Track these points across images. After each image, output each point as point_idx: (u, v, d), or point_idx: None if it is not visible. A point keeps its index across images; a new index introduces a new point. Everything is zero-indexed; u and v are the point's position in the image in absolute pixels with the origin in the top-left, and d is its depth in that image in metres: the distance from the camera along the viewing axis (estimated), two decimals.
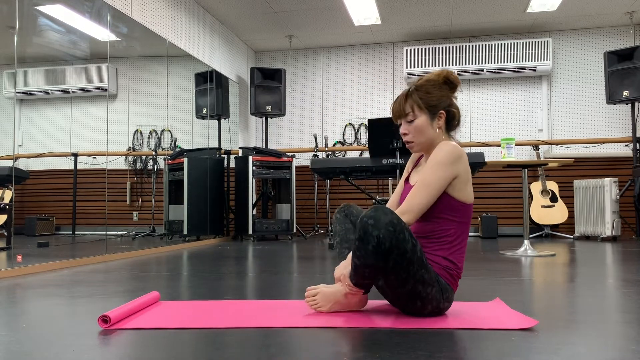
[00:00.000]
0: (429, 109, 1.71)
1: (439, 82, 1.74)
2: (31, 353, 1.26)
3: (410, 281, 1.56)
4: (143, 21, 4.44)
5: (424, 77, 1.77)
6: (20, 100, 3.62)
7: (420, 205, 1.61)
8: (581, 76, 6.31)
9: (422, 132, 1.72)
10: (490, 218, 5.81)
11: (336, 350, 1.29)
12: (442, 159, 1.62)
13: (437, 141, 1.73)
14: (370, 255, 1.52)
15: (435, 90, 1.72)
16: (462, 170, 1.64)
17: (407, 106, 1.73)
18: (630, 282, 2.43)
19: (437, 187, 1.62)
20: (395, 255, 1.52)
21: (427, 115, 1.71)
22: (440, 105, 1.72)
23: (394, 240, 1.50)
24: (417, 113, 1.72)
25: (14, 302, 2.00)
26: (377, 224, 1.50)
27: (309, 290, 1.73)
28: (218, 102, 5.85)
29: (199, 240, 5.25)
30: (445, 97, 1.73)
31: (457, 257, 1.67)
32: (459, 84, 1.76)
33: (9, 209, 3.30)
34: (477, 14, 5.84)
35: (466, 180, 1.66)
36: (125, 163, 4.68)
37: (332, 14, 5.81)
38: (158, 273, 2.86)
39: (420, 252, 1.57)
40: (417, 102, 1.72)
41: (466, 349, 1.28)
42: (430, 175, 1.62)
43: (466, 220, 1.69)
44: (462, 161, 1.64)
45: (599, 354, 1.23)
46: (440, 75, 1.74)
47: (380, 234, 1.50)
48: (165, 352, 1.27)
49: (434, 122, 1.72)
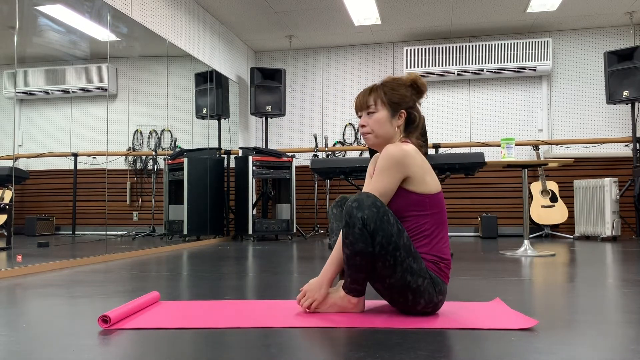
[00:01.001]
0: (391, 105, 1.74)
1: (406, 84, 1.77)
2: (31, 353, 1.26)
3: (398, 269, 1.57)
4: (143, 21, 4.44)
5: (390, 76, 1.81)
6: (20, 100, 3.62)
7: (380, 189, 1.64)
8: (581, 76, 6.31)
9: (380, 127, 1.74)
10: (490, 218, 5.81)
11: (336, 350, 1.29)
12: (385, 164, 1.64)
13: (395, 140, 1.76)
14: (358, 238, 1.55)
15: (400, 89, 1.75)
16: (411, 169, 1.65)
17: (370, 99, 1.75)
18: (630, 282, 2.43)
19: (386, 183, 1.64)
20: (381, 237, 1.55)
21: (388, 112, 1.74)
22: (402, 104, 1.74)
23: (378, 221, 1.55)
24: (379, 107, 1.74)
25: (14, 302, 2.00)
26: (360, 205, 1.56)
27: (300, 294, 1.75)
28: (218, 102, 5.85)
29: (199, 240, 5.25)
30: (409, 98, 1.75)
31: (440, 249, 1.66)
32: (426, 90, 1.79)
33: (9, 209, 3.30)
34: (477, 14, 5.84)
35: (422, 174, 1.66)
36: (125, 163, 4.68)
37: (332, 14, 5.81)
38: (158, 273, 2.86)
39: (408, 240, 1.59)
40: (380, 96, 1.74)
41: (466, 349, 1.28)
42: (379, 180, 1.65)
43: (438, 211, 1.68)
44: (408, 161, 1.64)
45: (599, 354, 1.23)
46: (409, 77, 1.77)
47: (364, 214, 1.54)
48: (165, 352, 1.27)
49: (393, 119, 1.74)
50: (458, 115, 6.55)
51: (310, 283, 1.73)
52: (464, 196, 6.34)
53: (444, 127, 6.57)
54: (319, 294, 1.69)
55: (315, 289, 1.70)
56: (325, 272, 1.70)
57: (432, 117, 6.60)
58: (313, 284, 1.71)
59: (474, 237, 6.03)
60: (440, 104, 6.60)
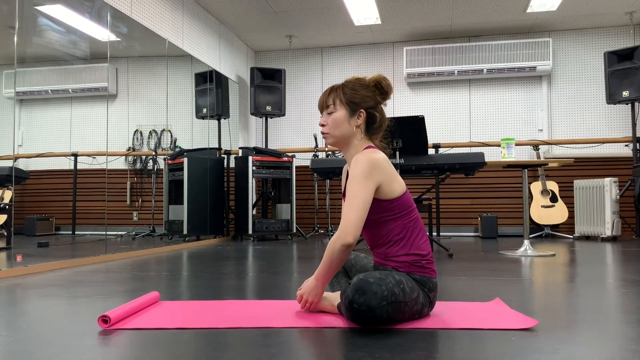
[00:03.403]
0: (350, 105, 1.71)
1: (369, 84, 1.74)
2: (31, 353, 1.26)
3: (407, 314, 1.57)
4: (143, 21, 4.44)
5: (355, 76, 1.78)
6: (20, 100, 3.62)
7: (356, 217, 1.58)
8: (581, 76, 6.31)
9: (338, 126, 1.71)
10: (490, 218, 5.81)
11: (336, 350, 1.29)
12: (358, 175, 1.61)
13: (352, 139, 1.72)
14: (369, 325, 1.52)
15: (361, 90, 1.72)
16: (381, 176, 1.62)
17: (329, 99, 1.74)
18: (630, 282, 2.43)
19: (364, 197, 1.60)
20: (394, 313, 1.52)
21: (347, 111, 1.71)
22: (362, 104, 1.71)
23: (391, 308, 1.50)
24: (338, 106, 1.72)
25: (14, 302, 2.00)
26: (370, 307, 1.48)
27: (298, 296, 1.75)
28: (218, 102, 5.85)
29: (199, 240, 5.25)
30: (370, 98, 1.72)
31: (418, 246, 1.65)
32: (391, 91, 1.75)
33: (9, 209, 3.30)
34: (477, 14, 5.84)
35: (389, 181, 1.64)
36: (125, 163, 4.68)
37: (332, 14, 5.81)
38: (158, 273, 2.86)
39: (407, 285, 1.56)
40: (340, 96, 1.72)
41: (466, 349, 1.28)
42: (354, 192, 1.61)
43: (408, 210, 1.67)
44: (379, 168, 1.62)
45: (599, 354, 1.23)
46: (374, 78, 1.75)
47: (376, 313, 1.49)
48: (165, 352, 1.27)
49: (352, 119, 1.71)
50: (458, 115, 6.54)
51: (305, 286, 1.72)
52: (464, 196, 6.34)
53: (444, 127, 6.57)
54: (313, 297, 1.68)
55: (310, 291, 1.69)
56: (319, 277, 1.66)
57: (432, 117, 6.60)
58: (307, 288, 1.70)
59: (474, 237, 6.03)
60: (440, 104, 6.59)
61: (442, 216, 6.37)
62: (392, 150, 3.67)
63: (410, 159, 3.69)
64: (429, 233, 4.43)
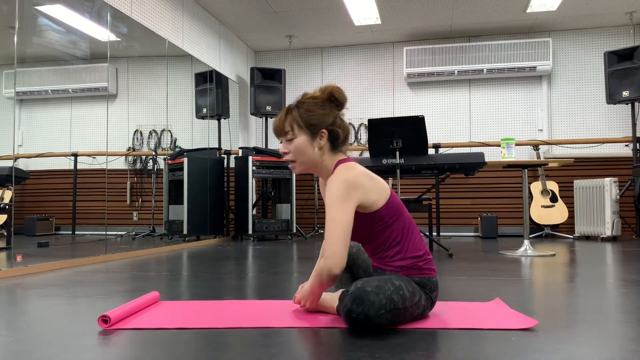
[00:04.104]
0: (309, 127, 1.61)
1: (323, 99, 1.64)
2: (31, 353, 1.26)
3: (408, 318, 1.56)
4: (143, 21, 4.44)
5: (308, 93, 1.67)
6: (20, 100, 3.62)
7: (341, 247, 1.52)
8: (581, 76, 6.31)
9: (302, 152, 1.62)
10: (490, 218, 5.81)
11: (336, 350, 1.29)
12: (335, 199, 1.53)
13: (321, 161, 1.64)
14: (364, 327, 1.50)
15: (317, 109, 1.63)
16: (360, 194, 1.56)
17: (286, 124, 1.64)
18: (630, 282, 2.43)
19: (345, 221, 1.53)
20: (393, 320, 1.51)
21: (307, 135, 1.62)
22: (321, 124, 1.62)
23: (390, 315, 1.49)
24: (297, 132, 1.62)
25: (14, 302, 2.00)
26: (368, 316, 1.45)
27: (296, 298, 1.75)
28: (218, 102, 5.85)
29: (199, 240, 5.24)
30: (327, 115, 1.63)
31: (414, 248, 1.63)
32: (345, 101, 1.66)
33: (9, 209, 3.30)
34: (477, 14, 5.84)
35: (370, 194, 1.58)
36: (125, 163, 4.69)
37: (332, 14, 5.81)
38: (158, 273, 2.86)
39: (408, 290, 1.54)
40: (296, 120, 1.62)
41: (466, 349, 1.28)
42: (333, 217, 1.53)
43: (397, 214, 1.62)
44: (356, 186, 1.55)
45: (599, 354, 1.23)
46: (325, 91, 1.64)
47: (374, 322, 1.46)
48: (165, 352, 1.27)
49: (314, 141, 1.62)
50: (458, 115, 6.55)
51: (302, 292, 1.72)
52: (464, 196, 6.34)
53: (444, 127, 6.57)
54: (310, 304, 1.70)
55: (306, 298, 1.70)
56: (314, 289, 1.64)
57: (432, 117, 6.60)
58: (303, 294, 1.71)
59: (474, 237, 6.03)
60: (440, 104, 6.59)
61: (442, 216, 6.37)
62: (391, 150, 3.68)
63: (410, 159, 3.69)
64: (429, 233, 4.43)
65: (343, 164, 1.63)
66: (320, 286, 1.60)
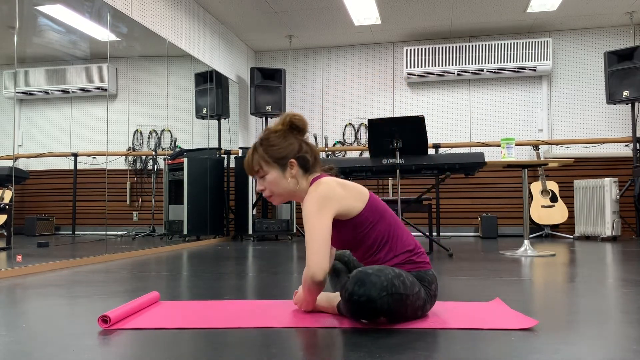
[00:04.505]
0: (277, 161, 1.63)
1: (284, 130, 1.67)
2: (31, 353, 1.26)
3: (410, 309, 1.55)
4: (143, 21, 4.44)
5: (269, 128, 1.69)
6: (20, 100, 3.62)
7: (320, 255, 1.53)
8: (581, 76, 6.31)
9: (277, 186, 1.64)
10: (490, 218, 5.81)
11: (336, 350, 1.29)
12: (309, 213, 1.55)
13: (297, 188, 1.66)
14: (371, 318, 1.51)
15: (280, 141, 1.65)
16: (335, 204, 1.57)
17: (254, 164, 1.66)
18: (630, 282, 2.43)
19: (321, 230, 1.54)
20: (395, 306, 1.51)
21: (277, 168, 1.64)
22: (288, 155, 1.64)
23: (391, 299, 1.49)
24: (266, 169, 1.64)
25: (14, 302, 2.00)
26: (370, 298, 1.46)
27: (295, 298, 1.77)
28: (218, 102, 5.85)
29: (199, 240, 5.25)
30: (292, 144, 1.65)
31: (404, 244, 1.63)
32: (305, 125, 1.68)
33: (9, 209, 3.30)
34: (477, 14, 5.84)
35: (346, 201, 1.59)
36: (125, 163, 4.69)
37: (332, 14, 5.81)
38: (158, 273, 2.86)
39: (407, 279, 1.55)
40: (263, 157, 1.64)
41: (466, 349, 1.28)
42: (310, 228, 1.55)
43: (379, 214, 1.63)
44: (329, 198, 1.56)
45: (599, 354, 1.23)
46: (285, 121, 1.67)
47: (377, 305, 1.47)
48: (165, 352, 1.27)
49: (285, 172, 1.64)
50: (458, 115, 6.55)
51: (296, 297, 1.74)
52: (464, 196, 6.34)
53: (444, 127, 6.57)
54: (305, 307, 1.71)
55: (302, 302, 1.71)
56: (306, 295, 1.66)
57: (432, 117, 6.60)
58: (298, 298, 1.73)
59: (474, 237, 6.03)
60: (440, 104, 6.59)
61: (442, 216, 6.37)
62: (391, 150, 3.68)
63: (410, 159, 3.69)
64: (429, 233, 4.43)
65: (315, 182, 1.64)
66: (309, 293, 1.63)
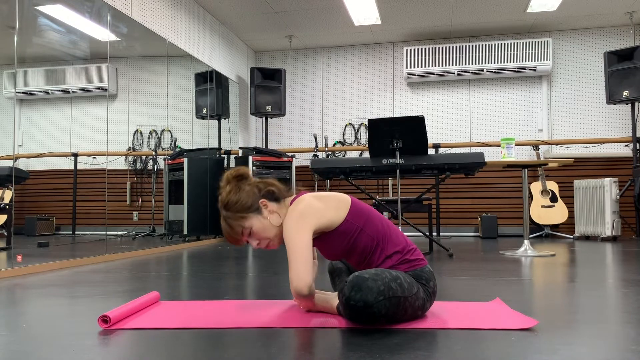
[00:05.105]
0: (250, 211, 1.66)
1: (234, 184, 1.70)
2: (31, 353, 1.26)
3: (409, 310, 1.56)
4: (143, 21, 4.44)
5: (220, 197, 1.72)
6: (20, 100, 3.62)
7: (301, 270, 1.56)
8: (581, 76, 6.31)
9: (266, 230, 1.67)
10: (490, 218, 5.81)
11: (336, 350, 1.29)
12: (289, 230, 1.59)
13: (281, 220, 1.68)
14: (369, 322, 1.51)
15: (238, 195, 1.67)
16: (313, 219, 1.59)
17: (235, 230, 1.68)
18: (630, 282, 2.43)
19: (301, 245, 1.57)
20: (393, 309, 1.51)
21: (255, 216, 1.66)
22: (255, 201, 1.67)
23: (389, 303, 1.49)
24: (247, 224, 1.66)
25: (14, 302, 2.00)
26: (367, 303, 1.46)
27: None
28: (218, 102, 5.85)
29: (199, 240, 5.25)
30: (249, 190, 1.68)
31: (395, 243, 1.64)
32: (246, 171, 1.73)
33: (9, 209, 3.30)
34: (477, 14, 5.84)
35: (326, 214, 1.62)
36: (125, 163, 4.69)
37: (332, 14, 5.81)
38: (158, 273, 2.86)
39: (405, 281, 1.55)
40: (236, 217, 1.67)
41: (466, 349, 1.28)
42: (291, 244, 1.58)
43: (365, 218, 1.65)
44: (307, 214, 1.59)
45: (599, 354, 1.23)
46: (228, 179, 1.71)
47: (374, 310, 1.47)
48: (165, 352, 1.27)
49: (263, 214, 1.67)
50: (458, 115, 6.55)
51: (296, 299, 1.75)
52: (464, 196, 6.34)
53: (444, 127, 6.57)
54: (304, 307, 1.73)
55: (301, 303, 1.72)
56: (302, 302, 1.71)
57: (432, 117, 6.60)
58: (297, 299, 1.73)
59: (474, 237, 6.03)
60: (440, 104, 6.60)
61: (442, 216, 6.37)
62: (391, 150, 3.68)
63: (410, 159, 3.69)
64: (429, 233, 4.43)
65: (294, 201, 1.67)
66: (302, 301, 1.68)
